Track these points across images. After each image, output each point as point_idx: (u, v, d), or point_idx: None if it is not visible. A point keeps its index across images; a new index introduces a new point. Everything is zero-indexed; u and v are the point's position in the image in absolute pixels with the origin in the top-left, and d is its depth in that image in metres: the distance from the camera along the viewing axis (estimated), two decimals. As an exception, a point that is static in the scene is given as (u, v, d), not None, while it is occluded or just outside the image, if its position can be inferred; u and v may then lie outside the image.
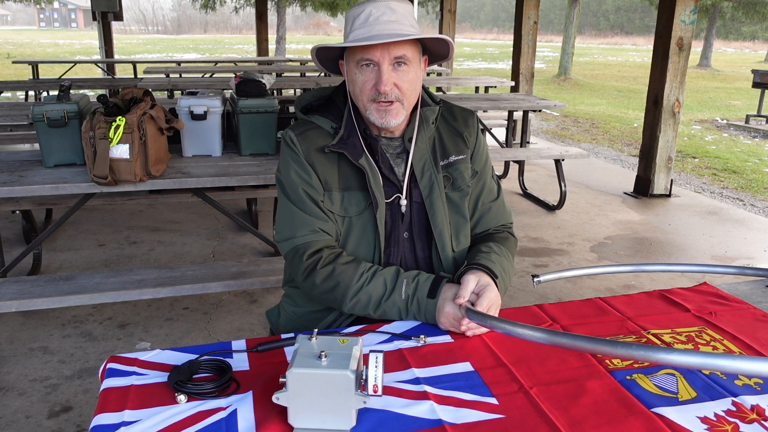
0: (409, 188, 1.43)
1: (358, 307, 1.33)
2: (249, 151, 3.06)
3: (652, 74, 5.17)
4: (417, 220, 1.44)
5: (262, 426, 0.96)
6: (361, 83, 1.35)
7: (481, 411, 1.01)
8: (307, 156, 1.40)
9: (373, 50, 1.31)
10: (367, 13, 1.33)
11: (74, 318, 2.96)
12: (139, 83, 5.33)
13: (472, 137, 1.51)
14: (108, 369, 1.12)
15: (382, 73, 1.32)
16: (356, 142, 1.40)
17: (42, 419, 2.22)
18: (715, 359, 0.88)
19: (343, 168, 1.40)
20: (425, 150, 1.44)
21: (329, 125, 1.43)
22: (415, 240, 1.44)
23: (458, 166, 1.47)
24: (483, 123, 5.75)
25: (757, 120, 9.88)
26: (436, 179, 1.43)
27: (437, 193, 1.42)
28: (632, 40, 45.48)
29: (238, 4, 19.99)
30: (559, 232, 4.40)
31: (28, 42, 34.67)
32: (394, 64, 1.33)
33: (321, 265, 1.34)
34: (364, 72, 1.34)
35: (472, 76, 12.05)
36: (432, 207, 1.42)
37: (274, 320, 1.58)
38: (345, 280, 1.33)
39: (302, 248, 1.37)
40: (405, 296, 1.31)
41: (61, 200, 3.65)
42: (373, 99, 1.35)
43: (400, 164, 1.44)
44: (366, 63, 1.33)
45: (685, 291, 1.51)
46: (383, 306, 1.32)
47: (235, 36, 52.26)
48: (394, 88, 1.34)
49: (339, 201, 1.39)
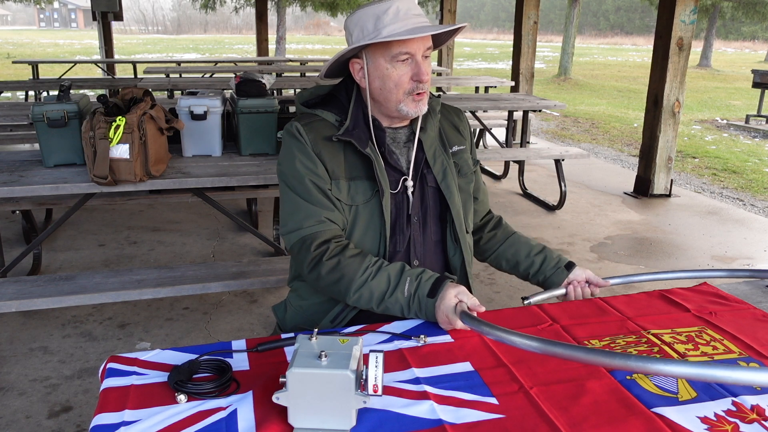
0: (421, 174, 1.47)
1: (362, 301, 1.35)
2: (249, 151, 3.06)
3: (652, 74, 5.17)
4: (432, 205, 1.48)
5: (262, 426, 0.96)
6: (397, 77, 1.39)
7: (481, 411, 1.01)
8: (314, 145, 1.42)
9: (411, 43, 1.37)
10: (395, 8, 1.37)
11: (74, 318, 2.96)
12: (139, 83, 5.33)
13: (466, 131, 1.61)
14: (108, 369, 1.12)
15: (420, 65, 1.38)
16: (362, 133, 1.43)
17: (42, 419, 2.22)
18: (712, 370, 0.87)
19: (349, 157, 1.43)
20: (434, 137, 1.50)
21: (333, 118, 1.46)
22: (429, 224, 1.48)
23: (462, 155, 1.55)
24: (483, 123, 5.75)
25: (757, 120, 9.88)
26: (448, 164, 1.49)
27: (451, 177, 1.48)
28: (632, 40, 45.48)
29: (238, 4, 19.99)
30: (559, 232, 4.40)
31: (28, 42, 34.67)
32: (423, 56, 1.40)
33: (327, 256, 1.35)
34: (399, 66, 1.38)
35: (472, 76, 12.05)
36: (448, 189, 1.47)
37: (281, 315, 1.59)
38: (349, 273, 1.34)
39: (309, 239, 1.38)
40: (407, 294, 1.32)
41: (61, 200, 3.64)
42: (410, 91, 1.39)
43: (405, 153, 1.48)
44: (405, 57, 1.37)
45: (685, 291, 1.51)
46: (386, 302, 1.33)
47: (235, 36, 52.26)
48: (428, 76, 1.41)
49: (346, 190, 1.41)
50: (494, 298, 3.31)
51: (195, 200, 3.84)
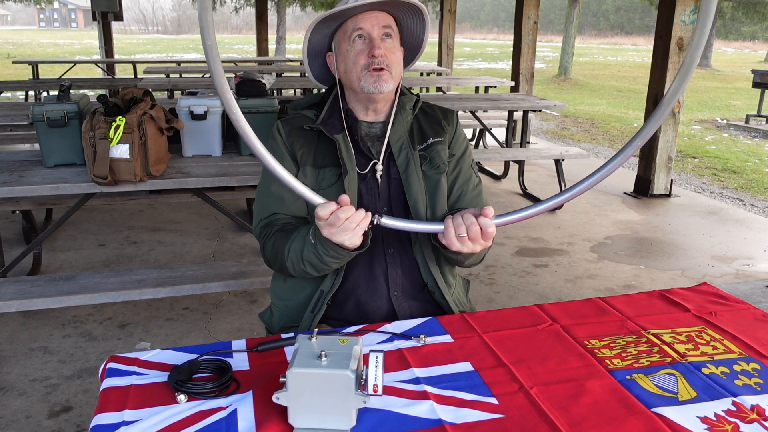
0: (387, 166, 1.49)
1: (297, 268, 1.38)
2: (249, 151, 3.06)
3: (652, 74, 5.17)
4: (396, 196, 1.49)
5: (262, 426, 0.96)
6: (354, 55, 1.42)
7: (481, 411, 1.01)
8: (288, 136, 1.49)
9: (364, 19, 1.41)
10: None
11: (74, 318, 2.96)
12: (139, 83, 5.33)
13: (451, 126, 1.58)
14: (108, 369, 1.12)
15: (374, 39, 1.41)
16: (336, 122, 1.48)
17: (42, 419, 2.22)
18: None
19: (321, 147, 1.48)
20: (402, 132, 1.51)
21: (313, 114, 1.52)
22: (395, 214, 1.47)
23: (435, 147, 1.52)
24: (483, 123, 5.76)
25: (757, 120, 9.88)
26: (412, 156, 1.49)
27: (413, 168, 1.48)
28: (632, 40, 45.49)
29: (238, 4, 20.01)
30: (559, 232, 4.40)
31: (28, 42, 34.67)
32: (383, 36, 1.43)
33: (266, 239, 1.45)
34: (356, 44, 1.42)
35: (472, 76, 12.06)
36: (408, 180, 1.47)
37: (267, 320, 1.60)
38: (280, 245, 1.40)
39: (258, 231, 1.48)
40: (311, 236, 1.32)
41: (61, 200, 3.64)
42: (366, 66, 1.41)
43: (377, 146, 1.50)
44: (358, 35, 1.41)
45: (685, 291, 1.51)
46: (305, 256, 1.34)
47: (235, 36, 52.27)
48: (386, 55, 1.42)
49: (313, 177, 1.46)
50: (494, 298, 3.31)
51: (195, 200, 3.84)
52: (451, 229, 1.25)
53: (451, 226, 1.25)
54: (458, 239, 1.25)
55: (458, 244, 1.26)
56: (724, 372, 1.13)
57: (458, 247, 1.26)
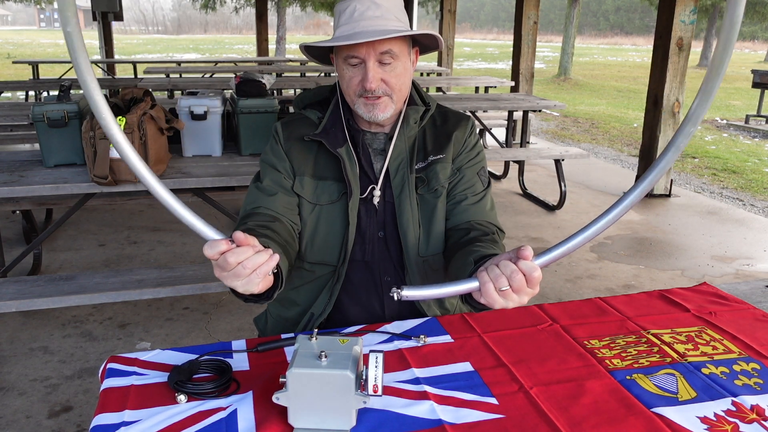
0: (383, 188, 1.41)
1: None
2: (249, 151, 3.06)
3: (652, 74, 5.17)
4: (389, 221, 1.42)
5: (262, 426, 0.96)
6: (348, 79, 1.34)
7: (481, 411, 1.01)
8: (286, 142, 1.41)
9: (358, 48, 1.29)
10: (351, 8, 1.31)
11: (74, 318, 2.96)
12: (140, 83, 5.33)
13: (462, 137, 1.47)
14: (108, 369, 1.12)
15: (368, 71, 1.30)
16: (338, 132, 1.40)
17: (42, 419, 2.22)
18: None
19: (321, 158, 1.40)
20: (403, 149, 1.41)
21: (316, 116, 1.44)
22: (388, 240, 1.42)
23: (434, 167, 1.42)
24: (483, 123, 5.76)
25: (757, 120, 9.88)
26: (407, 180, 1.40)
27: (406, 193, 1.40)
28: (632, 40, 45.49)
29: (238, 4, 20.01)
30: (559, 232, 4.40)
31: (29, 42, 34.67)
32: (381, 60, 1.31)
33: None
34: (350, 69, 1.33)
35: (472, 76, 12.06)
36: (400, 206, 1.39)
37: (261, 326, 1.57)
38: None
39: (238, 221, 1.36)
40: None
41: (61, 200, 3.64)
42: (360, 94, 1.34)
43: (379, 161, 1.43)
44: (354, 60, 1.31)
45: (685, 291, 1.51)
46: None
47: (235, 36, 52.27)
48: (381, 84, 1.32)
49: (311, 188, 1.39)
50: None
51: (195, 200, 3.84)
52: (490, 284, 1.00)
53: (488, 281, 1.00)
54: (500, 294, 1.01)
55: (502, 301, 1.01)
56: (724, 372, 1.13)
57: (502, 304, 1.02)
